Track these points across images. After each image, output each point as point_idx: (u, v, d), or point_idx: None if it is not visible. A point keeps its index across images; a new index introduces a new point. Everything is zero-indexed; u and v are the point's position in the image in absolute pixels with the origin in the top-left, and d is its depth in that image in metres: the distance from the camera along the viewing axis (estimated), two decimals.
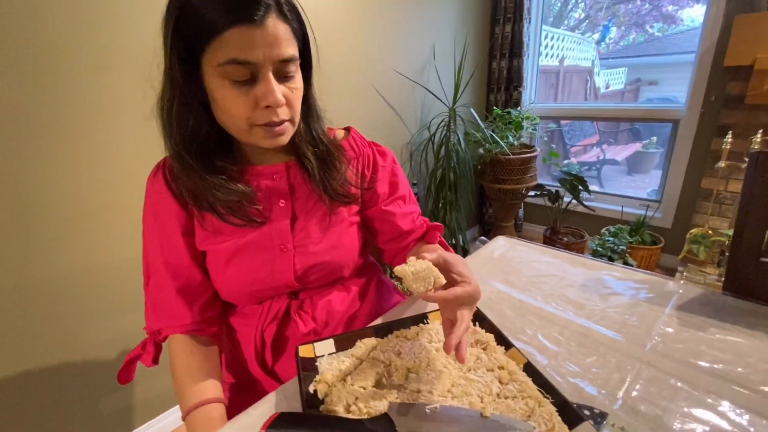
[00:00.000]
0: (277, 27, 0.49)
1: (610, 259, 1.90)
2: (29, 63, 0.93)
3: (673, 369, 0.53)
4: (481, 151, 2.27)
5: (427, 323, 0.62)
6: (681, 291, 0.71)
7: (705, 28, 1.91)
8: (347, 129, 0.74)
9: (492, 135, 2.11)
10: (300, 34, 0.54)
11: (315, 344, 0.58)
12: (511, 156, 2.13)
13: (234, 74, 0.49)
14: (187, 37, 0.49)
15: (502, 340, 0.56)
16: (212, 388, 0.59)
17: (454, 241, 2.15)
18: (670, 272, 2.12)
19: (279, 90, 0.51)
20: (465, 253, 2.13)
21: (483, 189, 2.56)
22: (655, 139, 3.97)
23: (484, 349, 0.55)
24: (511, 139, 2.16)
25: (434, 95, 2.14)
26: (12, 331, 1.01)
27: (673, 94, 4.14)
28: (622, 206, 2.28)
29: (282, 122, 0.54)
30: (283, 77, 0.52)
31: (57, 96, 0.99)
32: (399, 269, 0.48)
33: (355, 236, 0.69)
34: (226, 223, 0.58)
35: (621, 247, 1.90)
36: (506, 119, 2.25)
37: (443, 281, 0.49)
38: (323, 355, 0.57)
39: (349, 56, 1.71)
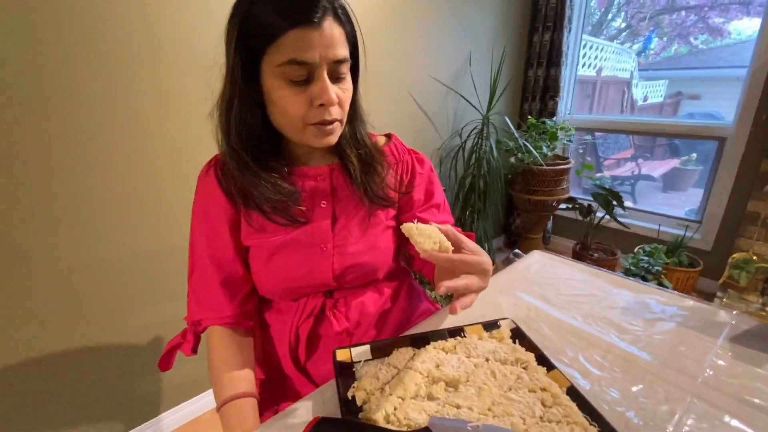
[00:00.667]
0: (333, 29, 0.51)
1: (644, 279, 1.83)
2: (90, 59, 0.98)
3: (727, 405, 0.51)
4: (512, 160, 2.23)
5: (465, 337, 0.61)
6: (733, 322, 0.67)
7: (759, 44, 1.82)
8: (388, 135, 0.75)
9: (525, 144, 2.08)
10: (351, 37, 0.57)
11: (352, 349, 0.58)
12: (545, 167, 2.08)
13: (292, 74, 0.51)
14: (249, 42, 0.52)
15: (544, 361, 0.55)
16: (246, 383, 0.60)
17: None
18: (708, 297, 2.02)
19: (332, 90, 0.53)
20: None
21: (511, 198, 2.52)
22: (695, 155, 3.80)
23: (524, 368, 0.54)
24: (545, 149, 2.11)
25: (468, 102, 2.12)
26: (56, 312, 1.06)
27: (717, 109, 3.95)
28: (659, 225, 2.19)
29: (333, 121, 0.56)
30: (335, 78, 0.54)
31: (121, 92, 1.05)
32: (405, 225, 0.50)
33: (391, 240, 0.70)
34: (270, 222, 0.60)
35: (656, 267, 1.82)
36: (541, 129, 2.20)
37: (450, 247, 0.50)
38: (360, 361, 0.57)
39: (385, 61, 1.71)
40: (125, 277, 1.16)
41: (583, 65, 2.78)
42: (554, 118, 2.36)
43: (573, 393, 0.49)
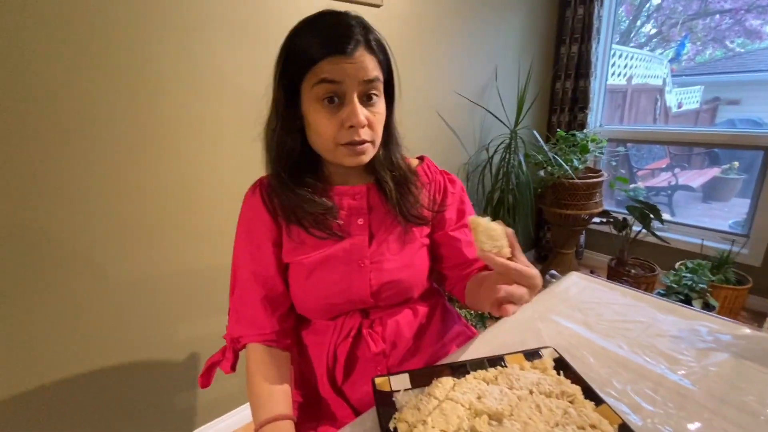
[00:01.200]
0: (364, 57, 0.57)
1: (687, 298, 1.74)
2: (152, 95, 1.07)
3: None
4: (541, 173, 2.19)
5: (505, 366, 0.60)
6: None
7: None
8: (421, 158, 0.78)
9: (555, 158, 2.04)
10: (385, 65, 0.61)
11: (390, 378, 0.58)
12: (577, 180, 2.03)
13: (324, 95, 0.57)
14: (291, 72, 0.58)
15: (591, 394, 0.53)
16: (284, 404, 0.61)
17: None
18: (759, 316, 1.89)
19: (362, 113, 0.57)
20: None
21: (540, 213, 2.46)
22: (737, 164, 3.60)
23: (571, 402, 0.52)
24: (576, 162, 2.06)
25: (496, 117, 2.11)
26: (98, 327, 1.11)
27: (760, 114, 3.75)
28: (702, 239, 2.08)
29: (363, 142, 0.59)
30: (367, 102, 0.59)
31: (173, 124, 1.13)
32: (473, 218, 0.51)
33: (425, 258, 0.71)
34: (310, 236, 0.63)
35: (701, 285, 1.73)
36: (570, 142, 2.16)
37: (508, 254, 0.50)
38: (399, 390, 0.57)
39: (410, 79, 1.73)
40: (165, 295, 1.21)
41: (612, 74, 2.72)
42: (585, 131, 2.31)
43: (625, 430, 0.47)
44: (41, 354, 1.03)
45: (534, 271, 0.51)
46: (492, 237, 0.49)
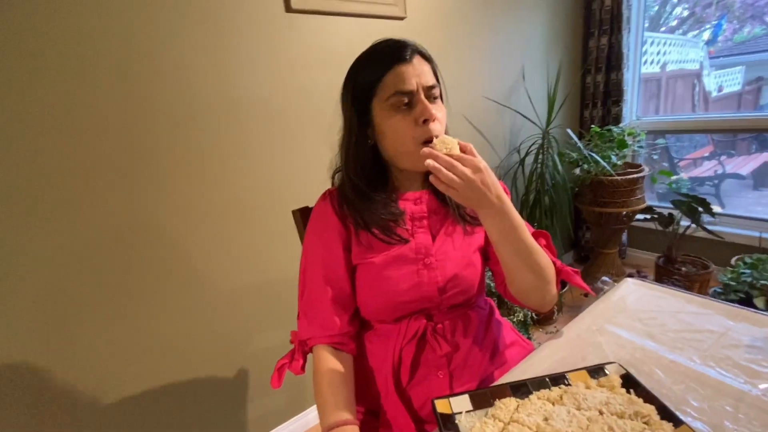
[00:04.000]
0: (421, 63, 0.65)
1: (748, 296, 1.62)
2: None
3: None
4: (577, 171, 2.12)
5: (569, 385, 0.58)
6: None
7: None
8: None
9: (591, 155, 1.97)
10: (435, 73, 0.69)
11: (450, 399, 0.57)
12: (617, 177, 1.95)
13: (397, 103, 0.64)
14: (360, 93, 0.66)
15: (667, 414, 0.50)
16: (350, 409, 0.63)
17: None
18: None
19: (431, 108, 0.64)
20: (563, 285, 1.98)
21: (578, 211, 2.38)
22: None
23: (646, 423, 0.49)
24: (614, 158, 1.98)
25: (526, 117, 2.07)
26: (160, 346, 1.16)
27: None
28: (761, 232, 1.95)
29: (437, 137, 0.63)
30: (431, 102, 0.65)
31: (251, 149, 1.25)
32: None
33: (480, 260, 0.75)
34: (377, 240, 0.69)
35: (762, 281, 1.61)
36: (606, 137, 2.08)
37: (457, 152, 0.57)
38: (461, 413, 0.56)
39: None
40: (216, 315, 1.25)
41: (645, 62, 2.61)
42: (621, 125, 2.22)
43: None
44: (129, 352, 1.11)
45: (476, 160, 0.57)
46: (445, 142, 0.57)
